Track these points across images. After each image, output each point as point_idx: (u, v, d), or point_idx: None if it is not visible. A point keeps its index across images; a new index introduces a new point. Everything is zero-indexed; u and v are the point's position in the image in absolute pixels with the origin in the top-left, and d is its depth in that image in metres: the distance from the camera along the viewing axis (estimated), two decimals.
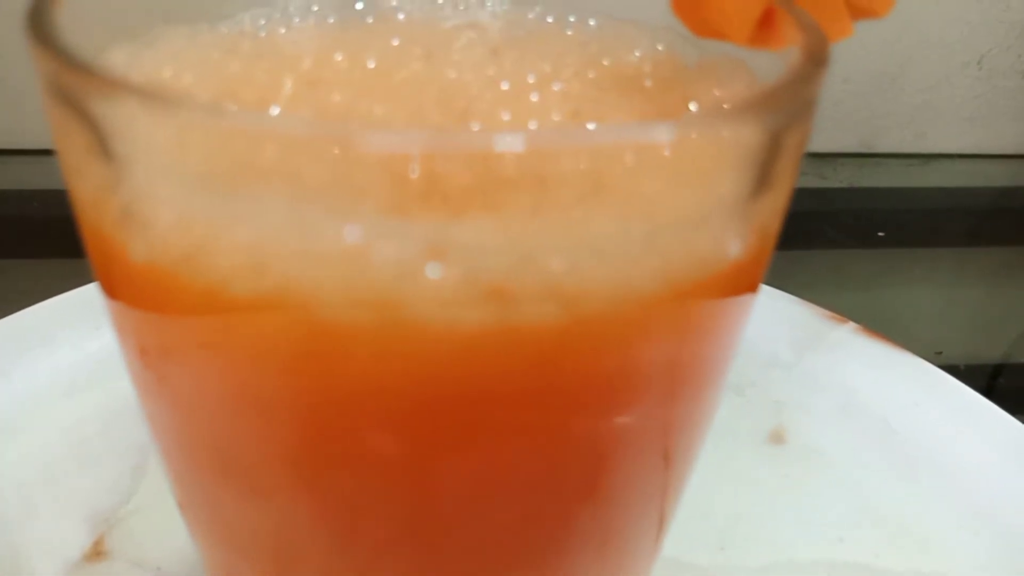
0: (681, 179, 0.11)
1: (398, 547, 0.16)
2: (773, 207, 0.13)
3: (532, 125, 0.15)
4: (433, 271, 0.11)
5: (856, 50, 0.57)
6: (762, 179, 0.12)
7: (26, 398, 0.33)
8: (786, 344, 0.38)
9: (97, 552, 0.28)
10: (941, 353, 0.44)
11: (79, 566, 0.27)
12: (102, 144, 0.12)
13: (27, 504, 0.29)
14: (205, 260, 0.11)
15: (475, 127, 0.14)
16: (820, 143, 0.60)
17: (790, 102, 0.12)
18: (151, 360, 0.14)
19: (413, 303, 0.11)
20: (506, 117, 0.15)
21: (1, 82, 0.53)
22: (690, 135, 0.11)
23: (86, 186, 0.12)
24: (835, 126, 0.60)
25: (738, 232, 0.12)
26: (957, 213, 0.58)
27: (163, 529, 0.29)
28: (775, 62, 0.15)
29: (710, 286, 0.12)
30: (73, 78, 0.11)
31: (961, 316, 0.52)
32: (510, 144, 0.10)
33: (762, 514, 0.30)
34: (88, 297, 0.37)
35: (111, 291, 0.14)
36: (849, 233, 0.55)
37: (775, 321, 0.38)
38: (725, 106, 0.14)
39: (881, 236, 0.54)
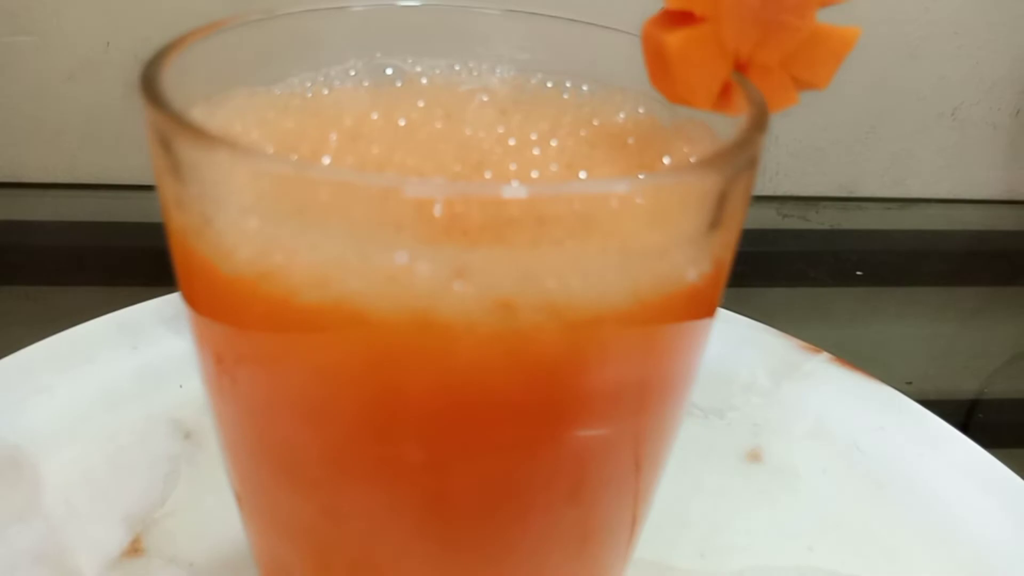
0: (650, 219, 0.15)
1: (417, 539, 0.19)
2: (725, 241, 0.16)
3: (534, 174, 0.18)
4: (456, 287, 0.14)
5: (837, 101, 0.61)
6: (715, 219, 0.15)
7: (68, 411, 0.36)
8: (764, 372, 0.41)
9: (135, 550, 0.31)
10: (911, 383, 0.47)
11: (118, 562, 0.30)
12: (199, 186, 0.15)
13: (69, 506, 0.32)
14: (280, 278, 0.14)
15: (488, 176, 0.17)
16: (803, 187, 0.64)
17: (735, 160, 0.15)
18: (226, 366, 0.17)
19: (441, 311, 0.14)
20: (513, 167, 0.18)
21: (43, 122, 0.57)
22: (656, 185, 0.14)
23: (182, 218, 0.16)
24: (818, 171, 0.63)
25: (696, 261, 0.15)
26: (932, 255, 0.62)
27: (195, 530, 0.31)
28: (732, 124, 0.18)
29: (673, 304, 0.15)
30: (179, 133, 0.15)
31: (934, 354, 0.55)
32: (516, 192, 0.14)
33: (739, 525, 0.33)
34: (125, 320, 0.40)
35: (196, 304, 0.17)
36: (830, 272, 0.58)
37: (754, 350, 0.42)
38: (687, 161, 0.17)
39: (859, 275, 0.57)
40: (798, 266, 0.58)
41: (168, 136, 0.15)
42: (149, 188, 0.58)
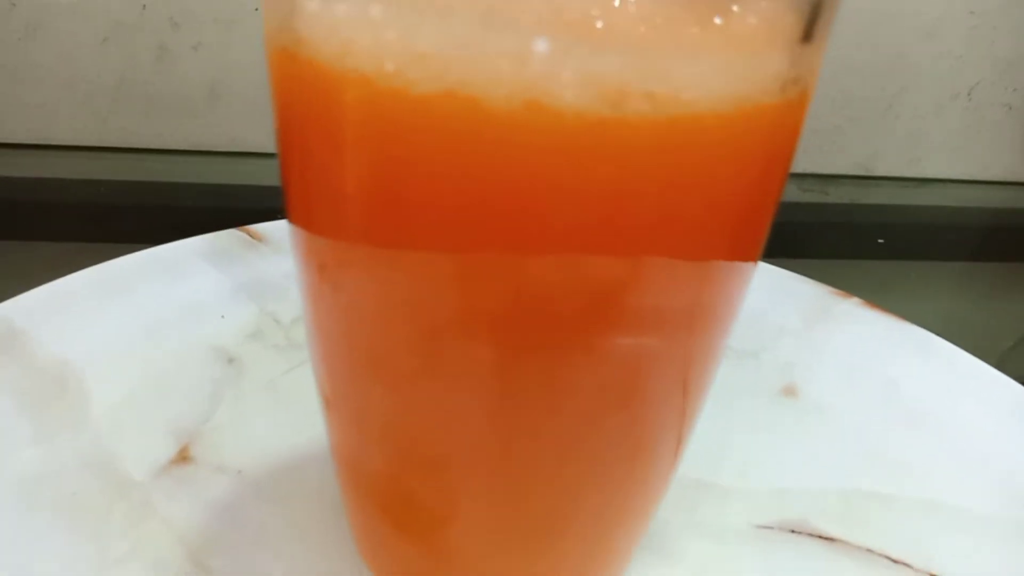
0: (750, 23, 0.15)
1: (485, 432, 0.19)
2: (812, 59, 0.17)
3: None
4: (569, 76, 0.14)
5: (855, 80, 0.62)
6: (808, 30, 0.16)
7: (110, 334, 0.36)
8: (796, 315, 0.41)
9: (183, 457, 0.31)
10: None
11: (167, 469, 0.30)
12: None
13: (116, 421, 0.32)
14: (396, 70, 0.15)
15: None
16: (822, 165, 0.65)
17: None
18: (328, 273, 0.18)
19: (554, 99, 0.15)
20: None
21: (76, 84, 0.57)
22: None
23: (296, 27, 0.16)
24: (836, 150, 0.64)
25: (786, 72, 0.16)
26: (947, 231, 0.63)
27: (242, 443, 0.32)
28: None
29: (764, 112, 0.16)
30: None
31: (950, 329, 0.55)
32: None
33: (778, 450, 0.34)
34: (162, 255, 0.41)
35: (304, 200, 0.18)
36: (850, 244, 0.59)
37: (786, 296, 0.42)
38: None
39: (881, 243, 0.58)
40: (818, 238, 0.58)
41: None
42: (180, 152, 0.59)
